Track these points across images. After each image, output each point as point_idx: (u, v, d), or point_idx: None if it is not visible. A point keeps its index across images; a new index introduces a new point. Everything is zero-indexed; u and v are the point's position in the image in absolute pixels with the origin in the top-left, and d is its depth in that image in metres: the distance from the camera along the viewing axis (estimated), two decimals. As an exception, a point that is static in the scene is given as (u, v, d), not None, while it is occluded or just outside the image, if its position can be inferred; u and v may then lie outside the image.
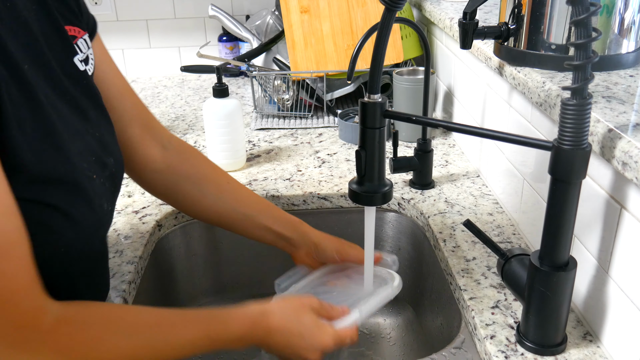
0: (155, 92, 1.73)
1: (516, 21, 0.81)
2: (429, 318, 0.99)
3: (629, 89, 0.70)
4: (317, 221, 1.07)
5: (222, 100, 1.11)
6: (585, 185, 0.67)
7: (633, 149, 0.54)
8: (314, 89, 1.42)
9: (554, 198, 0.58)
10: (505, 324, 0.71)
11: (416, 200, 1.02)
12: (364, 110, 0.64)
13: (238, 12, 1.87)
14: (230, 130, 1.13)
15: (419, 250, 1.01)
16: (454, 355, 0.72)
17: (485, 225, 0.93)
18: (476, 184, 1.07)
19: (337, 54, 1.37)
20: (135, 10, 1.84)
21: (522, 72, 0.79)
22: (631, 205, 0.59)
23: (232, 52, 1.85)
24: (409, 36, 1.43)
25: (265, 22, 1.63)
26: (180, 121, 1.46)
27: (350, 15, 1.38)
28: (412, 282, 1.06)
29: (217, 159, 1.14)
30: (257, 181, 1.10)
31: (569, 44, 0.76)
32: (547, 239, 0.61)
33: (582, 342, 0.67)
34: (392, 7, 0.56)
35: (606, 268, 0.64)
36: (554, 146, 0.56)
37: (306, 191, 1.05)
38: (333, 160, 1.19)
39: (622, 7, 0.74)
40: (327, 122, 1.40)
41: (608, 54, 0.76)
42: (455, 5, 1.29)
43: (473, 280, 0.79)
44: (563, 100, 0.54)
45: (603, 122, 0.59)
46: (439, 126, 0.67)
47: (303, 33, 1.37)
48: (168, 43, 1.90)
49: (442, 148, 1.23)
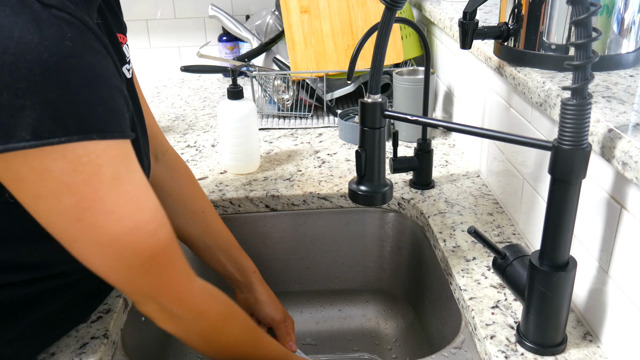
0: (155, 92, 1.74)
1: (516, 21, 0.81)
2: (429, 318, 0.99)
3: (629, 89, 0.70)
4: (317, 221, 1.07)
5: (237, 102, 1.09)
6: (585, 185, 0.67)
7: (633, 149, 0.54)
8: (314, 89, 1.42)
9: (554, 198, 0.58)
10: (505, 324, 0.71)
11: (416, 200, 1.02)
12: (364, 110, 0.64)
13: (238, 12, 1.87)
14: (244, 133, 1.11)
15: (419, 250, 1.01)
16: (454, 355, 0.72)
17: (485, 225, 0.93)
18: (476, 184, 1.07)
19: (337, 54, 1.37)
20: (136, 10, 1.84)
21: (522, 72, 0.79)
22: (631, 205, 0.59)
23: (232, 52, 1.85)
24: (409, 36, 1.43)
25: (265, 22, 1.63)
26: (180, 121, 1.46)
27: (350, 15, 1.38)
28: (412, 282, 1.07)
29: (229, 162, 1.13)
30: (257, 181, 1.10)
31: (569, 44, 0.76)
32: (547, 239, 0.61)
33: (582, 342, 0.67)
34: (393, 7, 0.56)
35: (606, 268, 0.64)
36: (554, 146, 0.56)
37: (306, 191, 1.05)
38: (333, 160, 1.19)
39: (622, 7, 0.73)
40: (327, 122, 1.40)
41: (608, 54, 0.76)
42: (455, 5, 1.29)
43: (473, 280, 0.79)
44: (563, 100, 0.54)
45: (603, 122, 0.59)
46: (439, 126, 0.67)
47: (303, 33, 1.37)
48: (168, 43, 1.90)
49: (442, 148, 1.23)
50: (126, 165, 0.54)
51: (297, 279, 1.12)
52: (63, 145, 0.48)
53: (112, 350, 0.74)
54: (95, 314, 0.76)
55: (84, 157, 0.50)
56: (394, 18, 0.57)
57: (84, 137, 0.49)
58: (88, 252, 0.55)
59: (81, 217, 0.52)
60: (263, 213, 1.06)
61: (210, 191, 1.07)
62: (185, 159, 1.21)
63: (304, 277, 1.12)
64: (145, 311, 0.63)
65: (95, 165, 0.51)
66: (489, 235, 0.90)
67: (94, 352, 0.70)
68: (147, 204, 0.56)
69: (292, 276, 1.12)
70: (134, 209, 0.55)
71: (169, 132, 1.39)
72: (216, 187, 1.08)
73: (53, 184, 0.50)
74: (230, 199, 1.04)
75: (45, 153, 0.48)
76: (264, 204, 1.05)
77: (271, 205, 1.05)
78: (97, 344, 0.71)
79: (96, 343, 0.71)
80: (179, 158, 0.91)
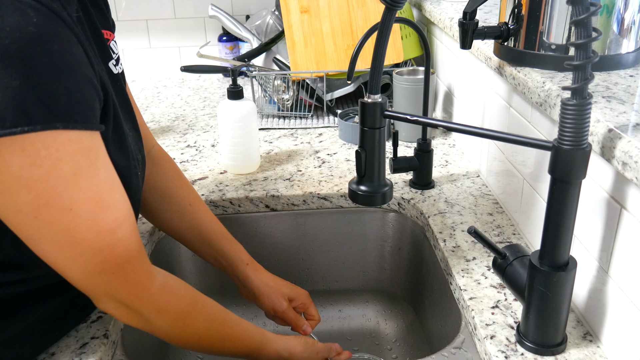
0: (155, 92, 1.74)
1: (516, 21, 0.81)
2: (429, 318, 0.99)
3: (629, 89, 0.70)
4: (317, 221, 1.07)
5: (237, 102, 1.09)
6: (585, 185, 0.67)
7: (633, 149, 0.54)
8: (314, 89, 1.42)
9: (554, 198, 0.58)
10: (505, 324, 0.71)
11: (416, 200, 1.02)
12: (364, 111, 0.64)
13: (238, 12, 1.87)
14: (244, 133, 1.11)
15: (419, 250, 1.01)
16: (454, 355, 0.72)
17: (485, 225, 0.93)
18: (476, 184, 1.07)
19: (337, 54, 1.37)
20: (135, 10, 1.84)
21: (522, 72, 0.79)
22: (631, 205, 0.59)
23: (232, 52, 1.85)
24: (409, 36, 1.43)
25: (265, 22, 1.63)
26: (180, 121, 1.46)
27: (350, 15, 1.38)
28: (412, 282, 1.07)
29: (229, 162, 1.13)
30: (257, 181, 1.10)
31: (569, 44, 0.76)
32: (547, 239, 0.61)
33: (582, 342, 0.67)
34: (393, 7, 0.56)
35: (606, 268, 0.64)
36: (554, 146, 0.56)
37: (306, 191, 1.05)
38: (333, 160, 1.19)
39: (622, 7, 0.73)
40: (327, 122, 1.40)
41: (608, 54, 0.76)
42: (455, 5, 1.29)
43: (473, 280, 0.79)
44: (563, 100, 0.54)
45: (603, 122, 0.59)
46: (439, 126, 0.67)
47: (303, 33, 1.37)
48: (168, 43, 1.90)
49: (442, 148, 1.23)
50: (88, 160, 0.53)
51: (297, 279, 1.12)
52: (22, 136, 0.47)
53: (112, 350, 0.74)
54: (95, 314, 0.76)
55: (43, 151, 0.48)
56: (393, 18, 0.57)
57: (47, 127, 0.48)
58: (45, 250, 0.54)
59: (38, 214, 0.51)
60: (263, 213, 1.06)
61: (210, 191, 1.07)
62: (185, 159, 1.21)
63: (304, 277, 1.12)
64: (104, 308, 0.63)
65: (55, 159, 0.49)
66: (489, 235, 0.90)
67: (94, 352, 0.70)
68: (108, 202, 0.55)
69: (292, 276, 1.12)
70: (92, 206, 0.53)
71: (169, 132, 1.39)
72: (216, 187, 1.08)
73: (10, 180, 0.49)
74: (230, 199, 1.04)
75: (4, 146, 0.47)
76: (264, 204, 1.05)
77: (271, 205, 1.05)
78: (97, 344, 0.71)
79: (96, 343, 0.71)
80: (164, 153, 0.90)
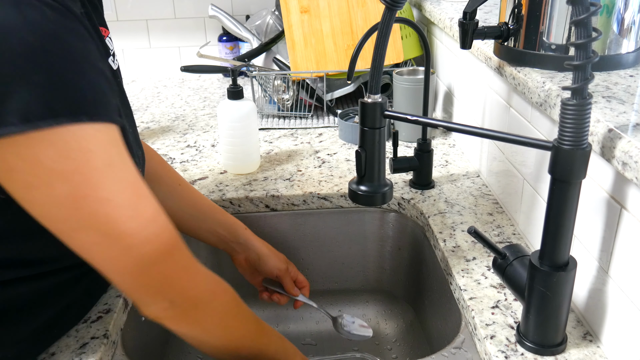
0: (155, 92, 1.74)
1: (516, 21, 0.81)
2: (429, 318, 0.99)
3: (629, 89, 0.70)
4: (317, 221, 1.07)
5: (237, 102, 1.09)
6: (585, 185, 0.67)
7: (633, 149, 0.54)
8: (314, 89, 1.42)
9: (554, 198, 0.58)
10: (505, 324, 0.71)
11: (416, 200, 1.02)
12: (364, 111, 0.64)
13: (238, 12, 1.87)
14: (244, 133, 1.11)
15: (419, 250, 1.01)
16: (454, 355, 0.72)
17: (485, 225, 0.93)
18: (476, 184, 1.07)
19: (337, 54, 1.37)
20: (135, 10, 1.84)
21: (522, 72, 0.79)
22: (631, 205, 0.59)
23: (232, 52, 1.85)
24: (409, 36, 1.43)
25: (265, 22, 1.63)
26: (180, 121, 1.46)
27: (350, 15, 1.38)
28: (412, 282, 1.07)
29: (229, 162, 1.13)
30: (257, 181, 1.10)
31: (569, 44, 0.76)
32: (547, 239, 0.61)
33: (582, 342, 0.67)
34: (393, 7, 0.56)
35: (606, 268, 0.64)
36: (554, 146, 0.56)
37: (306, 191, 1.05)
38: (333, 160, 1.19)
39: (622, 7, 0.73)
40: (327, 122, 1.40)
41: (608, 54, 0.76)
42: (455, 5, 1.29)
43: (473, 280, 0.79)
44: (563, 100, 0.54)
45: (603, 122, 0.59)
46: (439, 126, 0.67)
47: (303, 33, 1.37)
48: (168, 43, 1.90)
49: (442, 148, 1.23)
50: (119, 150, 0.53)
51: (297, 279, 1.12)
52: (51, 130, 0.47)
53: (112, 350, 0.74)
54: (96, 314, 0.76)
55: (73, 143, 0.48)
56: (394, 18, 0.57)
57: (73, 120, 0.48)
58: (89, 243, 0.53)
59: (78, 206, 0.50)
60: (263, 213, 1.06)
61: (210, 191, 1.07)
62: (185, 159, 1.21)
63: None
64: (154, 312, 0.59)
65: (86, 151, 0.49)
66: (489, 235, 0.90)
67: (94, 352, 0.70)
68: (145, 191, 0.55)
69: (292, 276, 1.12)
70: (131, 195, 0.53)
71: (169, 132, 1.39)
72: (216, 187, 1.08)
73: (44, 173, 0.48)
74: (230, 199, 1.04)
75: (34, 141, 0.47)
76: (264, 204, 1.05)
77: (271, 205, 1.05)
78: (97, 344, 0.71)
79: (96, 343, 0.71)
80: (142, 141, 0.91)
